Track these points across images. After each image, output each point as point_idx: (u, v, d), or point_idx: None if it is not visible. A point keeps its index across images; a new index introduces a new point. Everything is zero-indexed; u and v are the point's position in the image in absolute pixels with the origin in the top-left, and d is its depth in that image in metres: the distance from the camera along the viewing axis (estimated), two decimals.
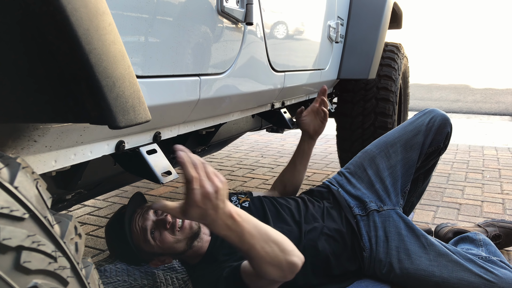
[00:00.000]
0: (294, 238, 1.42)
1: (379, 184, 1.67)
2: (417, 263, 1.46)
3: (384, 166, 1.70)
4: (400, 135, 1.73)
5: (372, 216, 1.59)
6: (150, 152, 1.06)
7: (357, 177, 1.72)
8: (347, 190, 1.70)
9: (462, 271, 1.41)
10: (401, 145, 1.71)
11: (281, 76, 1.67)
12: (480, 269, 1.41)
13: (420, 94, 8.33)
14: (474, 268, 1.41)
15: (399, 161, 1.70)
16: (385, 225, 1.56)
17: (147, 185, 2.83)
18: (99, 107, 0.57)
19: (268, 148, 4.21)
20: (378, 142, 1.78)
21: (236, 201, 1.56)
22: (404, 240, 1.51)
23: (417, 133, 1.72)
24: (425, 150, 1.72)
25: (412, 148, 1.70)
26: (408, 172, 1.70)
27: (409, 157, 1.70)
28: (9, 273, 0.45)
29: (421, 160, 1.74)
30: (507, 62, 8.00)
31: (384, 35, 2.55)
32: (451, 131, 1.78)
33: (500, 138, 5.19)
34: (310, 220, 1.53)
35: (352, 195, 1.68)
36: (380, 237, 1.54)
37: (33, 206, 0.50)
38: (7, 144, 0.70)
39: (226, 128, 1.87)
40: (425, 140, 1.71)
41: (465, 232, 1.83)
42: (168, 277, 1.59)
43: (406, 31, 7.21)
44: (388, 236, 1.53)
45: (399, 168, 1.69)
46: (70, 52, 0.53)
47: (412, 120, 1.78)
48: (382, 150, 1.73)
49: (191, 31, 1.05)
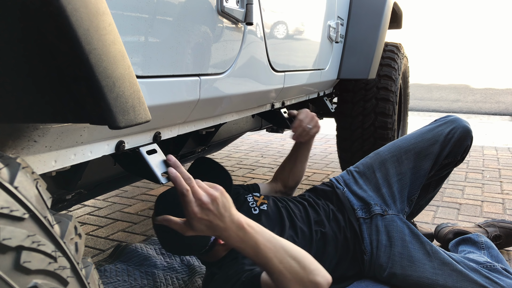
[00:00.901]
0: (306, 244, 1.42)
1: (386, 189, 1.63)
2: (421, 270, 1.43)
3: (393, 172, 1.65)
4: (416, 142, 1.67)
5: (375, 220, 1.56)
6: (150, 152, 1.06)
7: (365, 178, 1.68)
8: (352, 190, 1.67)
9: (467, 281, 1.39)
10: (415, 152, 1.65)
11: (281, 76, 1.67)
12: (485, 279, 1.38)
13: (420, 94, 8.33)
14: (479, 279, 1.38)
15: (410, 169, 1.65)
16: (388, 230, 1.53)
17: (147, 185, 2.83)
18: (99, 107, 0.57)
19: (268, 148, 4.21)
20: (393, 145, 1.72)
21: (253, 202, 1.51)
22: (408, 246, 1.48)
23: (434, 142, 1.65)
24: (441, 161, 1.66)
25: (426, 158, 1.64)
26: (418, 180, 1.65)
27: (421, 166, 1.65)
28: (9, 273, 0.45)
29: (434, 169, 1.69)
30: (507, 62, 8.00)
31: (384, 35, 2.55)
32: (471, 143, 1.70)
33: (500, 138, 5.19)
34: (319, 225, 1.52)
35: (357, 196, 1.64)
36: (382, 242, 1.52)
37: (33, 206, 0.50)
38: (7, 144, 0.70)
39: (226, 128, 1.87)
40: (442, 151, 1.65)
41: (465, 233, 1.82)
42: (168, 277, 1.59)
43: (406, 31, 7.22)
44: (392, 241, 1.50)
45: (408, 176, 1.65)
46: (70, 52, 0.53)
47: (431, 127, 1.70)
48: (395, 155, 1.67)
49: (191, 31, 1.05)
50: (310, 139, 1.80)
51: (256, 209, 1.48)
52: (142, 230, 2.10)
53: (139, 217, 2.28)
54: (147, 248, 1.78)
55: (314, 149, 4.18)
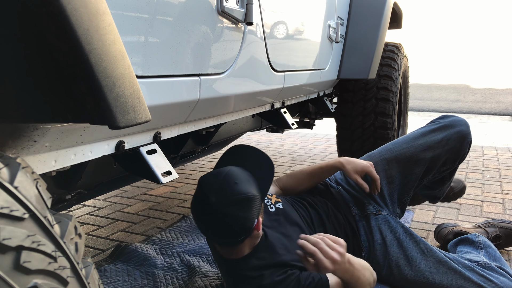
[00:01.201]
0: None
1: None
2: (417, 269, 1.45)
3: (383, 175, 1.64)
4: (408, 147, 1.64)
5: (369, 219, 1.58)
6: (150, 152, 1.07)
7: None
8: (347, 190, 1.68)
9: (462, 279, 1.40)
10: (406, 157, 1.63)
11: (281, 76, 1.67)
12: (480, 277, 1.40)
13: (420, 94, 8.33)
14: (473, 277, 1.40)
15: (399, 173, 1.64)
16: (381, 229, 1.55)
17: (147, 185, 2.83)
18: (99, 107, 0.57)
19: (268, 148, 4.21)
20: (384, 148, 1.71)
21: (268, 200, 1.51)
22: (403, 245, 1.49)
23: (425, 148, 1.62)
24: (437, 167, 1.65)
25: (417, 163, 1.63)
26: (409, 184, 1.65)
27: (412, 171, 1.63)
28: (9, 273, 0.45)
29: (432, 173, 1.67)
30: (507, 62, 8.00)
31: (384, 35, 2.55)
32: (469, 147, 1.67)
33: (500, 138, 5.19)
34: (322, 224, 1.53)
35: (351, 195, 1.66)
36: (376, 240, 1.53)
37: (33, 206, 0.50)
38: (7, 144, 0.70)
39: (226, 128, 1.87)
40: (436, 158, 1.62)
41: (465, 233, 1.82)
42: (168, 277, 1.59)
43: (406, 31, 7.21)
44: (386, 240, 1.52)
45: (398, 179, 1.64)
46: (70, 52, 0.53)
47: (425, 131, 1.67)
48: (385, 158, 1.66)
49: (191, 31, 1.05)
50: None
51: (272, 207, 1.49)
52: (142, 230, 2.10)
53: (139, 217, 2.28)
54: (147, 248, 1.78)
55: (314, 149, 4.19)
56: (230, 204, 1.18)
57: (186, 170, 3.25)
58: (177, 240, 1.92)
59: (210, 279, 1.56)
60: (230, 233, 1.23)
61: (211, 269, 1.64)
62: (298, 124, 3.07)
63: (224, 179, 1.21)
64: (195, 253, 1.78)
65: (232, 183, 1.20)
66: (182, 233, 1.98)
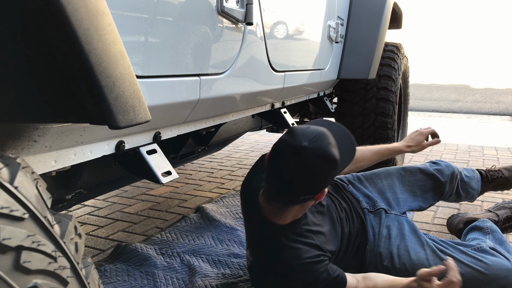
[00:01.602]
0: (336, 244, 1.46)
1: (390, 193, 1.73)
2: (414, 258, 1.54)
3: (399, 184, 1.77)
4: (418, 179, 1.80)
5: (380, 214, 1.64)
6: (150, 152, 1.07)
7: (371, 181, 1.76)
8: (357, 187, 1.73)
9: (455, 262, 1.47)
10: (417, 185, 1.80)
11: (281, 76, 1.67)
12: (471, 259, 1.48)
13: (420, 94, 8.33)
14: (465, 260, 1.48)
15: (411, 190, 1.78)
16: (389, 225, 1.61)
17: (147, 185, 2.83)
18: (99, 107, 0.57)
19: (268, 148, 4.21)
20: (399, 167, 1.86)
21: None
22: (405, 239, 1.57)
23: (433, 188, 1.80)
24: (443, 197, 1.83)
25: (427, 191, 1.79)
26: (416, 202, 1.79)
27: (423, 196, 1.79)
28: (9, 273, 0.45)
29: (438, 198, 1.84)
30: (507, 62, 8.00)
31: (384, 35, 2.55)
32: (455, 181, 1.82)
33: (500, 138, 5.19)
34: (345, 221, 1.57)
35: (362, 192, 1.72)
36: (382, 234, 1.60)
37: (33, 206, 0.50)
38: (7, 144, 0.70)
39: (226, 128, 1.87)
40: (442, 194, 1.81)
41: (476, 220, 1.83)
42: (168, 277, 1.59)
43: (406, 31, 7.21)
44: (391, 235, 1.59)
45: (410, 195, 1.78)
46: (70, 52, 0.53)
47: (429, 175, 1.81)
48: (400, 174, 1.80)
49: (191, 31, 1.05)
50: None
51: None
52: (142, 230, 2.10)
53: (139, 217, 2.28)
54: (147, 248, 1.78)
55: None
56: (318, 157, 1.17)
57: (186, 170, 3.25)
58: (177, 240, 1.92)
59: (210, 279, 1.56)
60: (301, 186, 1.20)
61: (211, 269, 1.64)
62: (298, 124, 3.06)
63: (320, 134, 1.20)
64: (195, 253, 1.78)
65: (326, 141, 1.20)
66: (182, 233, 1.98)
